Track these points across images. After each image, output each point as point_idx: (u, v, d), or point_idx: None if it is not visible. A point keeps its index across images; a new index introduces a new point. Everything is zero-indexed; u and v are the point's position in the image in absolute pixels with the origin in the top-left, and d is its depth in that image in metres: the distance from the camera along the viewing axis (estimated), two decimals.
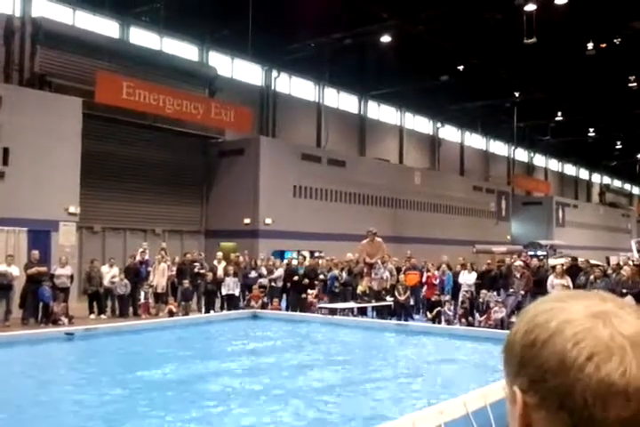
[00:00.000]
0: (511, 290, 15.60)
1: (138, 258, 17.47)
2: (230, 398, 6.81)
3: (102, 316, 15.96)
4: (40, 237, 17.11)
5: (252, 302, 16.51)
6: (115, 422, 5.96)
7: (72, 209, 18.42)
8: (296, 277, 17.34)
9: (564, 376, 0.74)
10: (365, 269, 15.46)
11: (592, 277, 15.17)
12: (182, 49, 26.65)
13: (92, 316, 15.92)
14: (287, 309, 17.09)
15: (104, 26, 23.83)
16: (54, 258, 16.62)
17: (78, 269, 18.11)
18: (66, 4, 22.80)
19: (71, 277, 15.88)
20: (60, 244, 17.70)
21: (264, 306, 16.23)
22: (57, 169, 17.99)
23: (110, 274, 16.48)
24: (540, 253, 29.71)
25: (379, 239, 14.93)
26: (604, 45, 28.54)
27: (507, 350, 0.82)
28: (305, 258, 19.38)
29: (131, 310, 16.58)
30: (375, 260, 14.96)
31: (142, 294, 16.76)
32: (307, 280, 17.27)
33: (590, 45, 28.26)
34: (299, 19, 23.93)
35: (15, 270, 14.58)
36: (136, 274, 16.92)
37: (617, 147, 50.71)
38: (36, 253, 15.44)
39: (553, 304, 0.80)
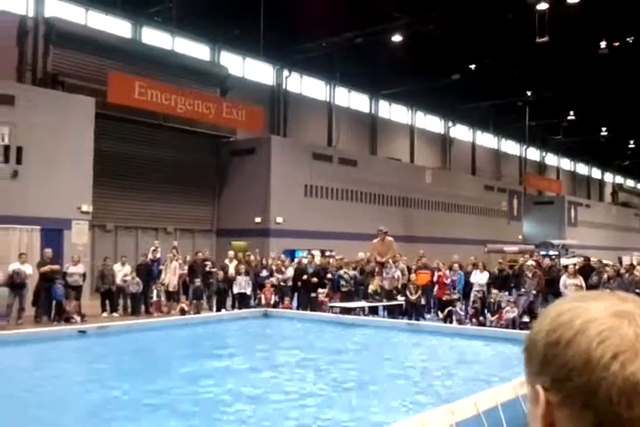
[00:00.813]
0: (523, 290, 15.54)
1: (150, 256, 17.58)
2: (240, 396, 6.83)
3: (114, 314, 16.06)
4: (53, 235, 17.23)
5: (263, 299, 16.55)
6: (125, 419, 5.99)
7: (85, 208, 18.53)
8: (305, 276, 17.34)
9: (589, 375, 0.74)
10: (377, 269, 15.45)
11: (605, 276, 15.11)
12: (194, 48, 26.73)
13: (105, 314, 16.02)
14: (298, 308, 17.11)
15: (116, 26, 23.95)
16: (67, 256, 16.74)
17: (91, 268, 18.24)
18: (78, 4, 22.94)
19: (84, 275, 16.00)
20: (73, 242, 17.82)
21: (275, 305, 16.26)
22: (70, 168, 18.11)
23: (122, 272, 16.58)
24: (552, 252, 29.53)
25: (389, 238, 14.91)
26: (617, 44, 28.37)
27: (528, 349, 0.82)
28: (314, 257, 19.35)
29: (142, 308, 16.68)
30: (386, 259, 14.95)
31: (154, 292, 16.84)
32: (316, 279, 17.26)
33: (603, 44, 28.10)
34: (310, 18, 23.95)
35: (28, 269, 14.69)
36: (148, 272, 17.02)
37: (629, 146, 50.40)
38: (48, 251, 15.56)
39: (575, 304, 0.81)
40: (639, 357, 0.73)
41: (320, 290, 16.84)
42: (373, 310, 16.26)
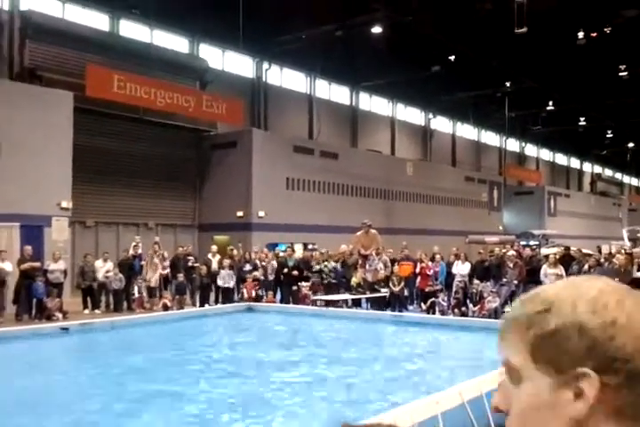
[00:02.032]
0: (504, 280, 15.68)
1: (131, 252, 17.46)
2: (225, 392, 6.83)
3: (96, 311, 15.94)
4: (33, 232, 17.05)
5: (245, 293, 16.52)
6: (111, 417, 5.97)
7: (64, 204, 18.36)
8: (286, 270, 17.30)
9: None
10: (360, 261, 15.49)
11: (586, 266, 15.28)
12: (173, 41, 26.51)
13: (86, 311, 15.90)
14: (281, 302, 17.11)
15: (94, 19, 23.65)
16: (47, 253, 16.59)
17: (71, 264, 18.07)
18: None
19: (64, 272, 15.86)
20: (53, 239, 17.65)
21: (258, 299, 16.25)
22: (49, 164, 17.91)
23: (105, 268, 16.46)
24: (532, 242, 29.82)
25: (373, 231, 14.95)
26: (594, 35, 28.58)
27: (564, 334, 0.78)
28: (294, 250, 19.28)
29: (125, 304, 16.58)
30: (370, 251, 14.98)
31: (136, 288, 16.75)
32: (296, 272, 17.24)
33: (581, 35, 28.30)
34: (289, 10, 23.87)
35: (8, 266, 14.53)
36: (130, 268, 16.91)
37: (608, 136, 50.87)
38: (28, 248, 15.39)
39: (601, 283, 0.82)
40: None
41: (303, 283, 16.84)
42: (357, 303, 16.32)
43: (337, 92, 35.08)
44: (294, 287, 16.89)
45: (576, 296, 0.80)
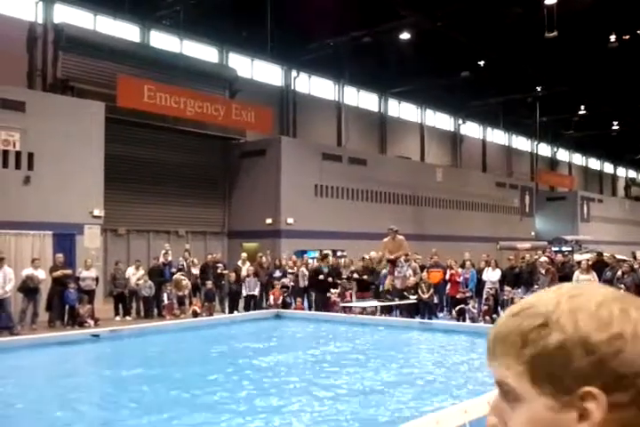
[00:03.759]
0: (536, 286, 15.44)
1: (161, 260, 17.63)
2: (252, 398, 6.83)
3: (127, 317, 16.11)
4: (65, 240, 17.31)
5: (272, 299, 16.54)
6: (138, 421, 6.01)
7: (96, 212, 18.62)
8: (321, 276, 17.23)
9: None
10: (389, 268, 15.39)
11: (619, 272, 14.98)
12: (202, 51, 26.80)
13: (118, 317, 16.07)
14: (309, 308, 17.09)
15: (125, 30, 24.04)
16: (79, 261, 16.82)
17: (103, 272, 18.31)
18: (87, 10, 23.04)
19: (96, 279, 16.06)
20: (85, 246, 17.89)
21: (286, 306, 16.25)
22: (81, 173, 18.20)
23: (137, 276, 16.64)
24: (564, 248, 29.37)
25: (400, 237, 14.85)
26: (627, 37, 28.14)
27: (566, 351, 0.72)
28: (327, 256, 19.16)
29: (155, 311, 16.73)
30: (395, 256, 14.87)
31: (165, 295, 16.89)
32: (330, 279, 17.20)
33: (613, 37, 27.89)
34: (317, 18, 23.92)
35: (41, 274, 14.76)
36: (160, 275, 17.07)
37: None
38: (60, 256, 15.63)
39: (601, 292, 0.76)
40: None
41: (332, 290, 16.82)
42: (386, 310, 16.22)
43: (365, 99, 35.07)
44: (328, 294, 16.84)
45: (575, 308, 0.74)
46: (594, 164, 57.85)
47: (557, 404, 0.71)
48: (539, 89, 36.60)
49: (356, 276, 17.22)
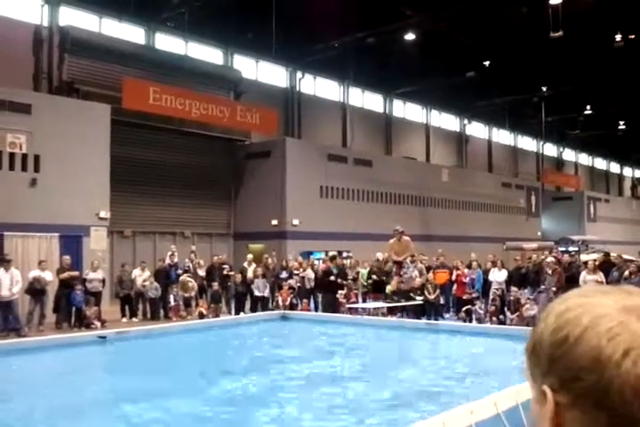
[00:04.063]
0: (543, 287, 15.40)
1: (167, 261, 17.66)
2: (258, 398, 6.83)
3: (134, 319, 16.15)
4: (72, 242, 17.37)
5: (280, 300, 16.54)
6: (144, 420, 6.02)
7: (102, 214, 18.67)
8: (332, 277, 17.15)
9: (600, 374, 0.70)
10: (394, 269, 15.37)
11: (627, 272, 14.91)
12: (207, 53, 26.85)
13: (124, 319, 16.12)
14: (316, 309, 17.08)
15: (130, 32, 24.12)
16: (86, 262, 16.87)
17: (110, 273, 18.35)
18: (92, 12, 23.12)
19: (103, 281, 16.10)
20: (92, 248, 17.94)
21: (293, 307, 16.25)
22: (87, 175, 18.25)
23: (142, 277, 16.67)
24: (571, 248, 29.28)
25: (406, 238, 14.82)
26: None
27: (533, 348, 0.79)
28: (335, 257, 19.05)
29: (162, 312, 16.76)
30: (403, 258, 14.85)
31: (172, 296, 16.91)
32: (340, 280, 17.16)
33: (618, 37, 27.79)
34: (322, 19, 23.91)
35: (48, 275, 14.82)
36: (166, 277, 17.09)
37: None
38: (67, 258, 15.69)
39: (581, 300, 0.77)
40: None
41: (339, 291, 16.81)
42: (392, 311, 16.19)
43: (370, 100, 35.05)
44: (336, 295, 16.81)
45: (558, 310, 0.79)
46: (600, 163, 57.65)
47: (539, 399, 0.77)
48: (544, 89, 36.49)
49: (374, 277, 17.10)
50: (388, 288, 15.72)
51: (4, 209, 16.16)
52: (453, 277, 17.07)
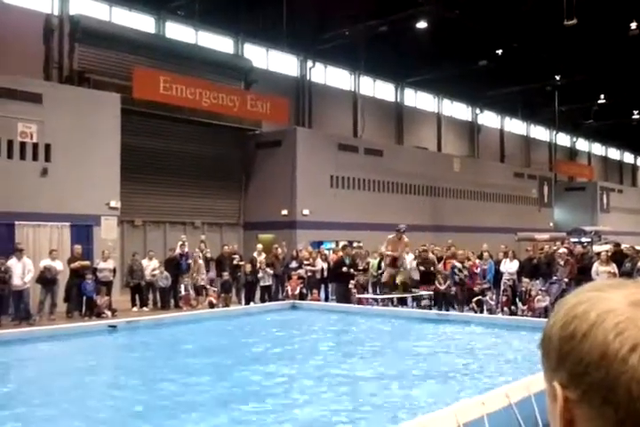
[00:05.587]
0: (555, 278, 15.28)
1: (177, 251, 17.68)
2: (269, 389, 6.81)
3: (144, 308, 16.21)
4: (82, 231, 17.42)
5: (289, 290, 16.52)
6: (156, 412, 6.01)
7: (113, 203, 18.69)
8: (345, 268, 17.03)
9: (607, 369, 0.69)
10: (388, 261, 15.37)
11: (639, 263, 14.78)
12: (217, 42, 26.75)
13: (135, 308, 16.17)
14: (326, 299, 17.05)
15: (140, 21, 24.06)
16: (97, 252, 16.92)
17: (120, 263, 18.40)
18: (102, 1, 23.07)
19: (113, 270, 16.15)
20: (103, 238, 17.99)
21: (303, 297, 16.23)
22: (98, 164, 18.27)
23: (150, 267, 16.70)
24: (584, 239, 29.06)
25: (406, 239, 14.88)
26: None
27: (544, 343, 0.78)
28: (346, 247, 18.96)
29: (172, 302, 16.80)
30: (398, 254, 14.90)
31: (182, 286, 16.94)
32: (352, 270, 17.07)
33: (633, 25, 27.42)
34: (333, 7, 23.77)
35: (59, 265, 14.88)
36: (176, 267, 17.11)
37: None
38: (78, 247, 15.74)
39: (591, 294, 0.76)
40: None
41: (351, 281, 16.75)
42: (404, 301, 16.13)
43: (382, 89, 34.84)
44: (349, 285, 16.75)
45: (568, 305, 0.77)
46: (613, 153, 57.16)
47: (551, 394, 0.77)
48: (557, 78, 36.10)
49: (422, 268, 16.82)
50: (382, 279, 15.72)
51: (15, 198, 16.21)
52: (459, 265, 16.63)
